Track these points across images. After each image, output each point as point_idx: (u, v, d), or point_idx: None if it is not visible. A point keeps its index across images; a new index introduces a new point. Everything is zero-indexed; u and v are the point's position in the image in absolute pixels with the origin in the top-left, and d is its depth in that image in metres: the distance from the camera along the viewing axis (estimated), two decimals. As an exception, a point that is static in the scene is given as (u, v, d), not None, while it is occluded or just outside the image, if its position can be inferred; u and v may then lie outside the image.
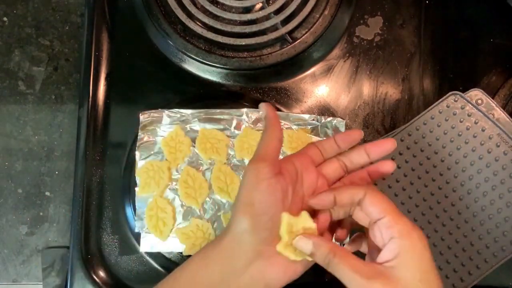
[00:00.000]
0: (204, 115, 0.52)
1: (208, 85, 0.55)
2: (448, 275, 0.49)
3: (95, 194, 0.52)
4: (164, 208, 0.49)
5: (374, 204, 0.35)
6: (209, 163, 0.51)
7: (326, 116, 0.53)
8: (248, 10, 0.56)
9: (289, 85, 0.55)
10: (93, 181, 0.52)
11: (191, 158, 0.51)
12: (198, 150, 0.51)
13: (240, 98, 0.54)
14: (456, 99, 0.51)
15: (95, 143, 0.53)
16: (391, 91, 0.56)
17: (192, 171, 0.50)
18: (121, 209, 0.51)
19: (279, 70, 0.55)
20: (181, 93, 0.55)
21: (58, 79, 0.57)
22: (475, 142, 0.50)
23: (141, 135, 0.51)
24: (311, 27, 0.55)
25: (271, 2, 0.56)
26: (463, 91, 0.52)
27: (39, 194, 0.54)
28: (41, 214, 0.54)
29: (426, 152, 0.51)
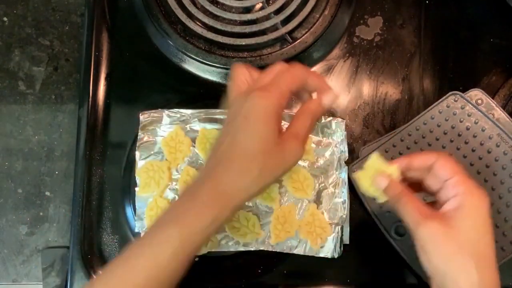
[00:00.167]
0: (204, 115, 0.52)
1: (208, 85, 0.55)
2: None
3: (95, 194, 0.52)
4: (164, 208, 0.49)
5: (444, 166, 0.39)
6: (209, 163, 0.51)
7: (326, 116, 0.53)
8: (248, 10, 0.56)
9: (289, 85, 0.55)
10: (93, 181, 0.52)
11: (191, 158, 0.51)
12: (198, 150, 0.51)
13: (240, 98, 0.54)
14: (456, 99, 0.51)
15: (95, 143, 0.53)
16: (391, 91, 0.56)
17: (192, 171, 0.50)
18: (121, 209, 0.51)
19: (279, 70, 0.55)
20: (181, 93, 0.55)
21: (58, 79, 0.57)
22: (475, 142, 0.50)
23: (141, 135, 0.51)
24: (311, 27, 0.55)
25: (271, 2, 0.56)
26: (463, 91, 0.52)
27: (39, 194, 0.54)
28: (41, 214, 0.54)
29: (426, 152, 0.51)
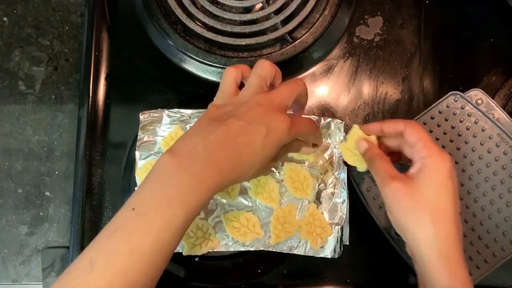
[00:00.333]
0: (204, 115, 0.52)
1: (208, 85, 0.55)
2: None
3: (95, 194, 0.52)
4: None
5: (412, 133, 0.42)
6: (209, 163, 0.51)
7: (326, 116, 0.53)
8: (248, 10, 0.56)
9: (289, 85, 0.55)
10: (93, 181, 0.52)
11: (191, 158, 0.51)
12: (198, 150, 0.51)
13: (240, 98, 0.54)
14: (456, 99, 0.51)
15: (95, 143, 0.53)
16: (391, 91, 0.56)
17: (192, 171, 0.50)
18: (121, 209, 0.51)
19: (279, 70, 0.55)
20: (181, 93, 0.55)
21: (58, 79, 0.57)
22: (475, 142, 0.50)
23: (141, 135, 0.51)
24: (311, 27, 0.55)
25: (271, 2, 0.56)
26: (463, 91, 0.52)
27: (39, 194, 0.54)
28: (41, 214, 0.54)
29: (426, 152, 0.51)
